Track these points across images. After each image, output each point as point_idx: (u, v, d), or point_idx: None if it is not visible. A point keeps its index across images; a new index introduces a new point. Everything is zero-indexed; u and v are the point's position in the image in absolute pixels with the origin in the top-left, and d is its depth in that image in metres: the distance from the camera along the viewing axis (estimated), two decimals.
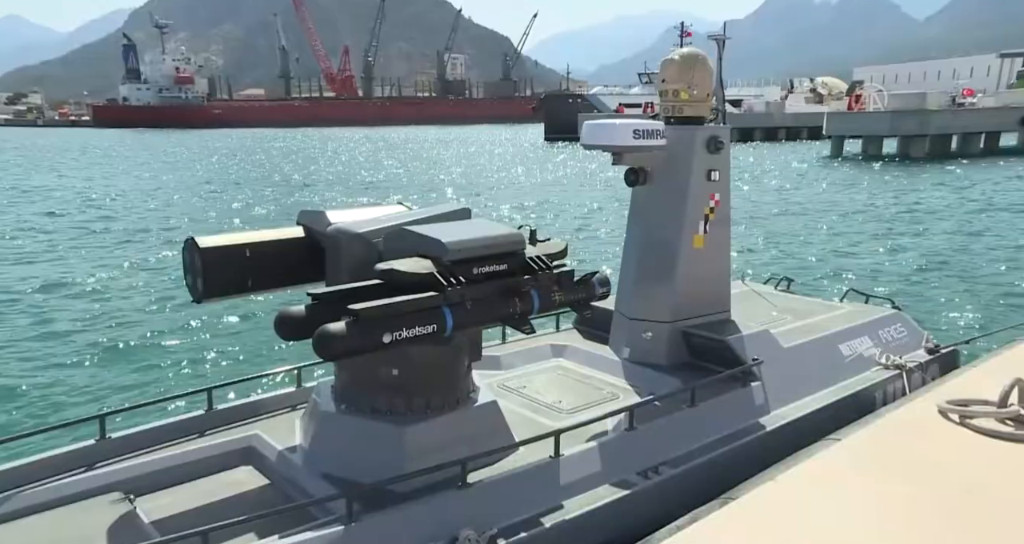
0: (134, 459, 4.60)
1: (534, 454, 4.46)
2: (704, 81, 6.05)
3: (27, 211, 28.07)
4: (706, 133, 6.04)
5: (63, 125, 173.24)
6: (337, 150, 74.45)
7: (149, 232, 22.63)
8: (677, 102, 6.06)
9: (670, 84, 6.06)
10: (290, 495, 4.36)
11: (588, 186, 36.38)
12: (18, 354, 10.84)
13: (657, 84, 6.34)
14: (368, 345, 3.62)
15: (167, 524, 3.99)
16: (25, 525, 3.88)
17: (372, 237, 4.54)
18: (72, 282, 15.61)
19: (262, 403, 5.37)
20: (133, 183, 40.08)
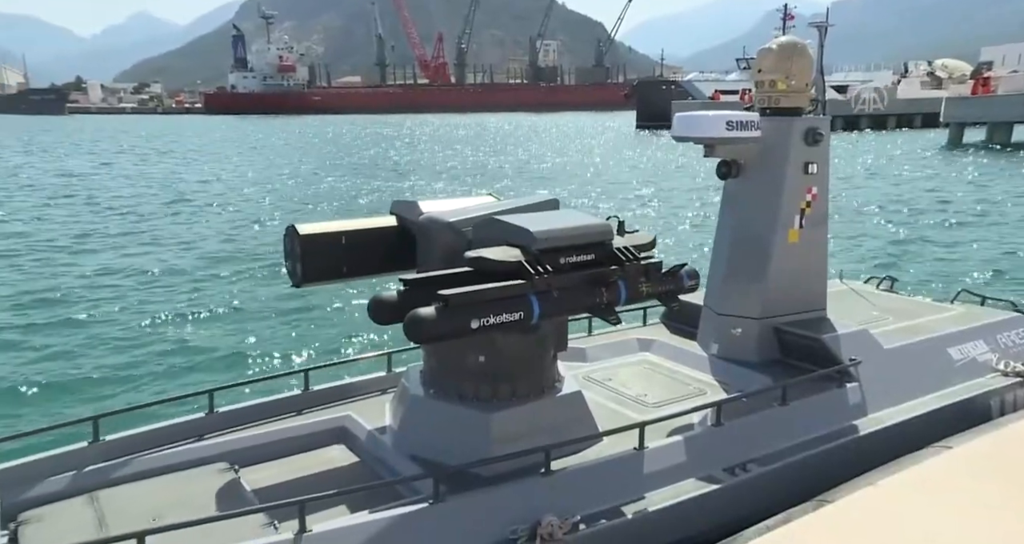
0: (238, 433, 4.91)
1: (618, 445, 4.47)
2: (803, 71, 5.81)
3: (154, 200, 30.03)
4: (804, 124, 5.81)
5: (178, 112, 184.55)
6: (428, 137, 75.89)
7: (254, 217, 23.86)
8: (773, 93, 5.85)
9: (766, 75, 5.85)
10: (379, 474, 4.55)
11: (679, 176, 35.57)
12: (123, 335, 11.67)
13: (753, 74, 6.13)
14: (456, 330, 3.72)
15: (268, 493, 4.25)
16: (145, 487, 4.23)
17: (462, 226, 4.64)
18: (177, 267, 16.67)
19: (354, 386, 5.60)
20: (238, 169, 42.26)
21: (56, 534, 3.72)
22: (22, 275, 15.73)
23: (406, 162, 46.33)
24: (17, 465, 4.21)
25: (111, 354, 10.67)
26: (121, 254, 17.89)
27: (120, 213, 24.72)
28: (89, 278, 15.26)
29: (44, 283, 14.70)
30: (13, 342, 11.10)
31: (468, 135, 78.53)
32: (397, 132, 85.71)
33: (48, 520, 3.86)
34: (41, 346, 10.91)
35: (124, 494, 4.16)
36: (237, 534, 3.52)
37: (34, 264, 16.81)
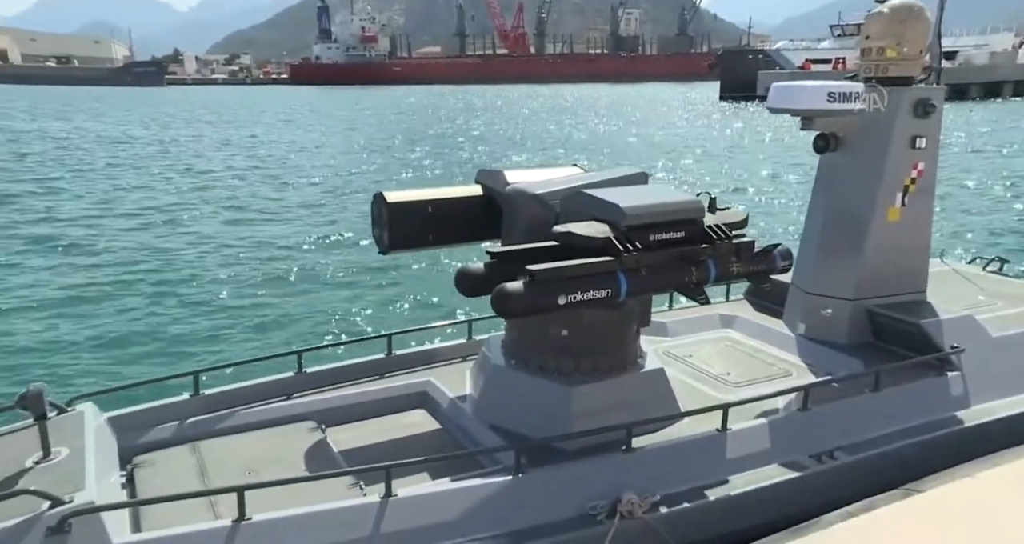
0: (324, 393, 5.08)
1: (700, 425, 4.40)
2: (917, 37, 5.40)
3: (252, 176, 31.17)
4: (915, 95, 5.44)
5: (265, 82, 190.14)
6: (507, 107, 75.62)
7: (338, 186, 24.50)
8: (882, 61, 5.48)
9: (875, 41, 5.48)
10: (459, 441, 4.63)
11: (766, 150, 34.24)
12: (218, 298, 12.32)
13: (860, 41, 5.75)
14: (543, 306, 3.71)
15: (353, 455, 4.40)
16: (240, 440, 4.45)
17: (549, 199, 4.60)
18: (268, 234, 17.34)
19: (435, 352, 5.70)
20: (323, 139, 43.31)
21: (164, 478, 3.97)
22: (127, 240, 16.73)
23: (485, 133, 46.38)
24: (131, 412, 4.50)
25: (211, 314, 11.37)
26: (219, 221, 18.78)
27: (214, 182, 25.82)
28: (189, 245, 16.09)
29: (150, 249, 15.61)
30: (128, 302, 11.94)
31: (546, 106, 77.78)
32: (476, 103, 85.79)
33: (157, 465, 4.13)
34: (150, 306, 11.69)
35: (221, 445, 4.39)
36: (325, 493, 3.66)
37: (137, 231, 17.82)
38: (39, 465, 3.48)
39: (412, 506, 3.56)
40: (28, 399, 3.43)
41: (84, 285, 12.85)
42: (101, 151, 35.51)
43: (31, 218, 18.83)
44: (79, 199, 21.84)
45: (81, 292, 12.39)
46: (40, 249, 15.45)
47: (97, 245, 15.87)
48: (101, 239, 16.47)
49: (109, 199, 21.92)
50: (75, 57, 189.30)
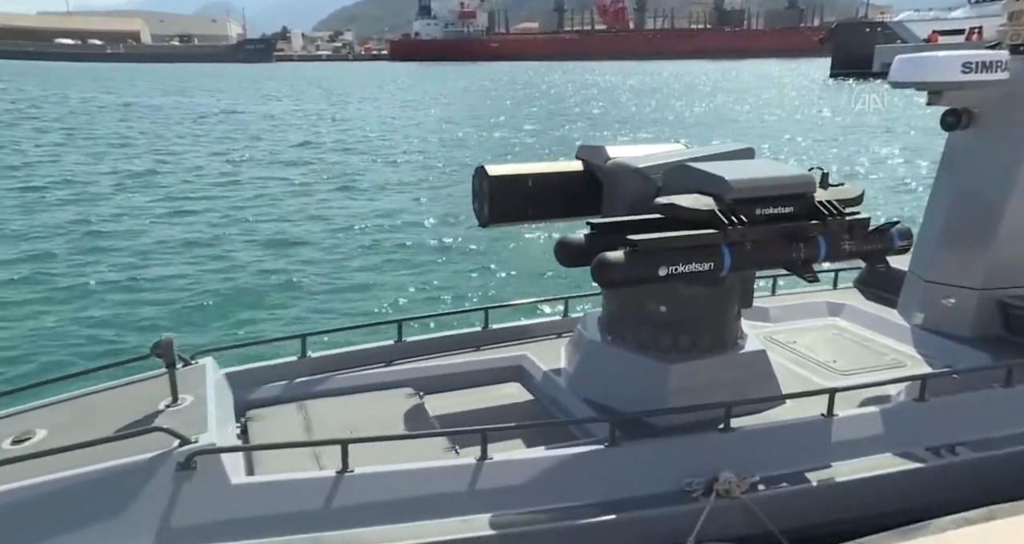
0: (422, 362, 5.23)
1: (804, 410, 4.25)
2: None
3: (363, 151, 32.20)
4: None
5: (366, 59, 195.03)
6: (606, 84, 74.44)
7: (438, 160, 24.97)
8: None
9: None
10: (552, 414, 4.68)
11: (879, 130, 32.25)
12: (324, 268, 12.90)
13: (1007, 3, 5.27)
14: (644, 276, 3.66)
15: (448, 420, 4.52)
16: (342, 402, 4.67)
17: (651, 173, 4.52)
18: (372, 207, 17.93)
19: (531, 327, 5.75)
20: (423, 114, 44.11)
21: (275, 432, 4.22)
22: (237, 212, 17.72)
23: (583, 109, 45.92)
24: (245, 369, 4.80)
25: (316, 280, 11.98)
26: (326, 192, 19.56)
27: (321, 155, 26.80)
28: (294, 218, 16.88)
29: (261, 220, 16.52)
30: (245, 265, 12.77)
31: (645, 83, 76.07)
32: (573, 79, 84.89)
33: (268, 419, 4.40)
34: (265, 271, 12.45)
35: (325, 406, 4.61)
36: (422, 454, 3.79)
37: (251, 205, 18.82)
38: (169, 409, 3.78)
39: (506, 469, 3.63)
40: (161, 348, 3.72)
41: (207, 247, 13.93)
42: (219, 125, 37.54)
43: (173, 189, 20.19)
44: (215, 171, 23.23)
45: (203, 257, 13.33)
46: (168, 218, 16.60)
47: (217, 214, 16.95)
48: (222, 208, 17.59)
49: (228, 170, 23.24)
50: (195, 36, 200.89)
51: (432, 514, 3.42)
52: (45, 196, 18.49)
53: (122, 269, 12.43)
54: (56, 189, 19.40)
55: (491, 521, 3.43)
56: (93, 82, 70.36)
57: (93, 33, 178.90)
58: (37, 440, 3.62)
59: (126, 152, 27.00)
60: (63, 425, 3.75)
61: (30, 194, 18.74)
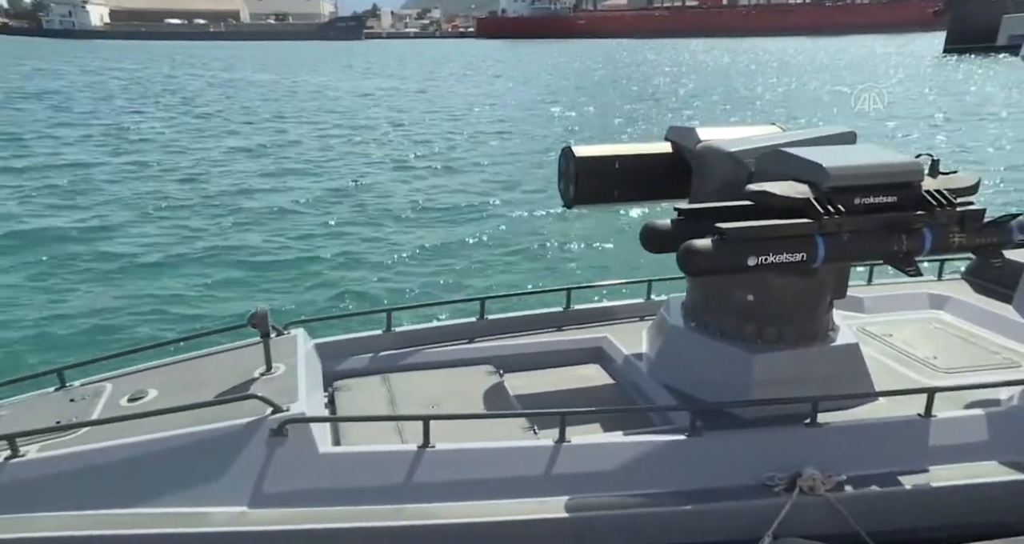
0: (503, 340, 5.29)
1: (899, 408, 4.06)
2: None
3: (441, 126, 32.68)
4: None
5: (453, 36, 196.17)
6: (695, 63, 72.23)
7: (525, 139, 24.99)
8: None
9: None
10: (632, 398, 4.65)
11: (998, 116, 29.96)
12: (407, 247, 13.19)
13: None
14: (732, 265, 3.56)
15: (528, 400, 4.57)
16: (425, 376, 4.79)
17: (743, 157, 4.37)
18: (456, 187, 18.12)
19: (612, 309, 5.71)
20: (508, 92, 44.09)
21: (359, 403, 4.39)
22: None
23: (673, 89, 44.75)
24: (333, 341, 4.99)
25: (400, 255, 12.30)
26: (411, 173, 19.89)
27: (410, 133, 27.28)
28: (375, 195, 17.29)
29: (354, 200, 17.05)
30: (334, 237, 13.32)
31: (738, 61, 73.33)
32: (663, 57, 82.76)
33: (354, 390, 4.57)
34: (349, 244, 12.91)
35: (409, 379, 4.74)
36: (501, 433, 3.85)
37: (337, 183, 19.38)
38: (263, 377, 3.98)
39: (584, 453, 3.65)
40: (256, 319, 3.91)
41: (299, 218, 14.57)
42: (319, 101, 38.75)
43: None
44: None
45: (295, 228, 13.96)
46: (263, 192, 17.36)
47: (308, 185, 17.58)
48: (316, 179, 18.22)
49: (324, 145, 24.02)
50: (290, 14, 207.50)
51: (509, 493, 3.48)
52: (190, 172, 19.54)
53: (225, 239, 13.17)
54: (183, 166, 20.45)
55: (567, 504, 3.46)
56: (216, 61, 73.77)
57: (198, 13, 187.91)
58: (149, 399, 3.89)
59: (245, 128, 28.19)
60: (171, 386, 4.02)
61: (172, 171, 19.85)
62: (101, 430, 3.49)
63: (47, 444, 3.44)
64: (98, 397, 3.96)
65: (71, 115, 31.52)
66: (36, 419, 3.74)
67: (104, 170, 19.51)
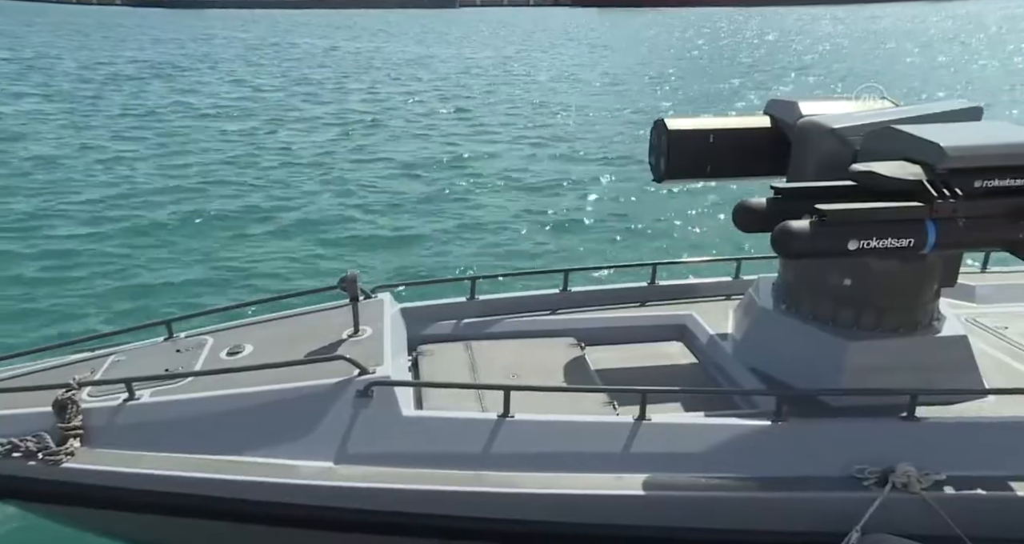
0: (585, 313, 5.26)
1: (1011, 407, 3.79)
2: None
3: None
4: None
5: (547, 4, 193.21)
6: (801, 33, 68.48)
7: (620, 110, 24.54)
8: None
9: None
10: (715, 378, 4.55)
11: None
12: (497, 218, 13.30)
13: None
14: (831, 248, 3.39)
15: (608, 375, 4.54)
16: (506, 345, 4.84)
17: (849, 134, 4.12)
18: (544, 160, 18.06)
19: (698, 287, 5.57)
20: (600, 61, 43.28)
21: (442, 369, 4.48)
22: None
23: (780, 60, 42.56)
24: (418, 306, 5.10)
25: (486, 223, 12.52)
26: (504, 144, 19.93)
27: (507, 101, 27.23)
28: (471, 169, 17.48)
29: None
30: (420, 203, 13.61)
31: (851, 31, 68.97)
32: (772, 27, 78.63)
33: (437, 356, 4.67)
34: (437, 211, 13.15)
35: (490, 347, 4.80)
36: (580, 407, 3.85)
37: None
38: (351, 339, 4.12)
39: (665, 432, 3.60)
40: (346, 282, 4.04)
41: (392, 185, 14.91)
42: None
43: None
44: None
45: (388, 196, 14.28)
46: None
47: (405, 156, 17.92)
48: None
49: (420, 112, 24.39)
50: None
51: (586, 467, 3.49)
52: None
53: (325, 203, 13.68)
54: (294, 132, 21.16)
55: (645, 481, 3.44)
56: (336, 30, 75.45)
57: None
58: (245, 354, 4.11)
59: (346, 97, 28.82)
60: (265, 342, 4.22)
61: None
62: (203, 380, 3.73)
63: (157, 390, 3.70)
64: (201, 349, 4.22)
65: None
66: (147, 366, 4.03)
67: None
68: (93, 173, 15.61)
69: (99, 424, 3.54)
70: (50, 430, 3.44)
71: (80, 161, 16.65)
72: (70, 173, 15.56)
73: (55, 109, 23.81)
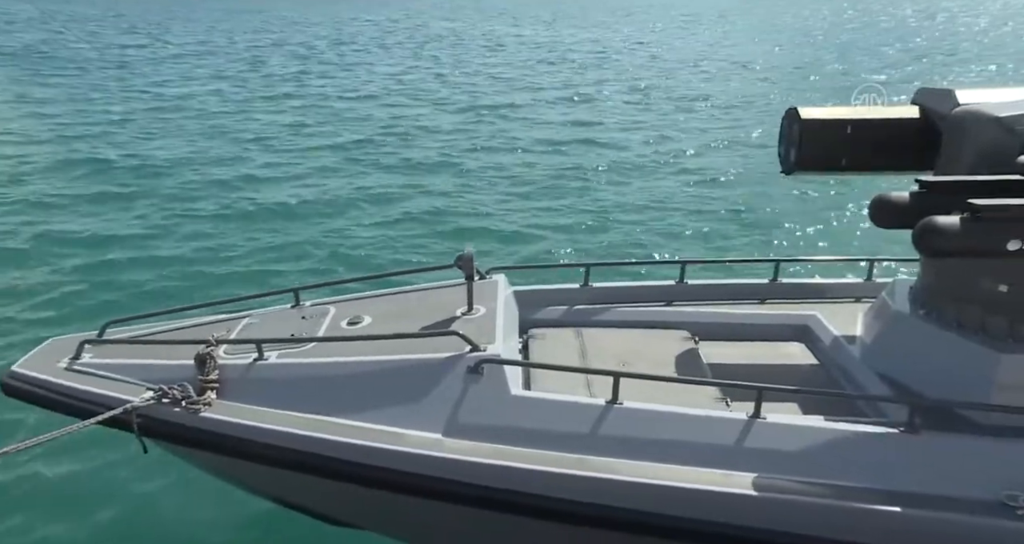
0: (701, 307, 5.12)
1: None
2: None
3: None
4: None
5: None
6: (962, 14, 62.65)
7: (749, 100, 23.56)
8: None
9: None
10: (838, 382, 4.29)
11: None
12: (619, 203, 13.08)
13: None
14: (985, 248, 3.10)
15: (722, 370, 4.39)
16: (617, 334, 4.79)
17: (1015, 124, 3.73)
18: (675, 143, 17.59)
19: (825, 287, 5.28)
20: (737, 43, 41.58)
21: (552, 353, 4.49)
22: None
23: (942, 46, 39.08)
24: (531, 290, 5.14)
25: (604, 209, 12.40)
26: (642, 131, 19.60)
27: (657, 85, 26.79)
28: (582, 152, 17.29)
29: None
30: (544, 190, 13.65)
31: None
32: (938, 7, 72.39)
33: (547, 340, 4.68)
34: (560, 197, 13.21)
35: (601, 335, 4.75)
36: (691, 400, 3.73)
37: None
38: (464, 316, 4.20)
39: (780, 432, 3.44)
40: (462, 261, 4.13)
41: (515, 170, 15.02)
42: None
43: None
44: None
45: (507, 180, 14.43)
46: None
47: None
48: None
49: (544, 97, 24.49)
50: None
51: (694, 461, 3.39)
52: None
53: (446, 184, 14.05)
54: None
55: (755, 481, 3.30)
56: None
57: None
58: (364, 324, 4.30)
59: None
60: (383, 314, 4.39)
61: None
62: (325, 346, 3.94)
63: (283, 352, 3.95)
64: (323, 317, 4.45)
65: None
66: (276, 329, 4.31)
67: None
68: (241, 154, 16.60)
69: (232, 379, 3.82)
70: (191, 381, 3.75)
71: (227, 141, 17.85)
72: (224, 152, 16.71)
73: (227, 88, 25.50)
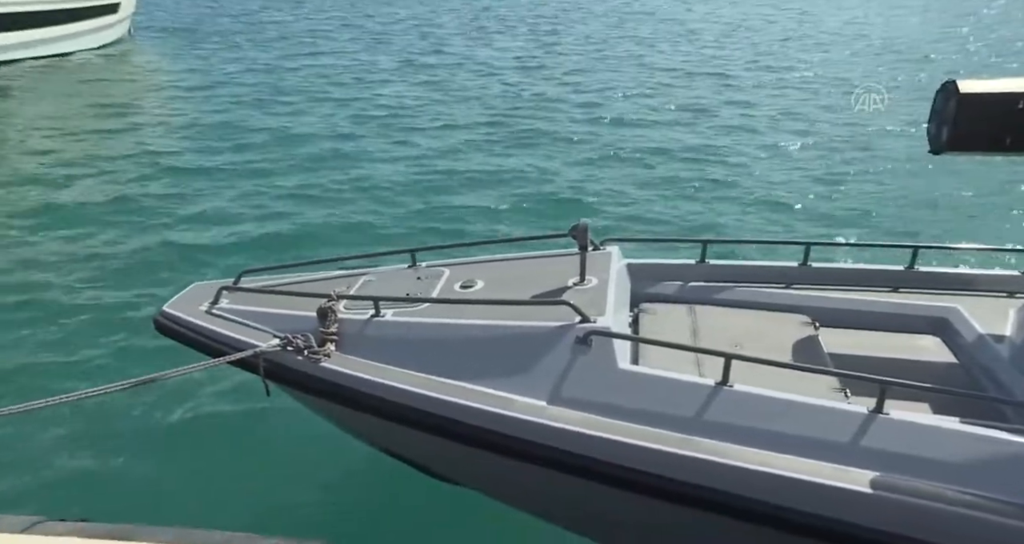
0: (826, 292, 4.85)
1: None
2: None
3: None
4: None
5: None
6: None
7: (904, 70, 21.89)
8: None
9: None
10: (979, 382, 3.97)
11: None
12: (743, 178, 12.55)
13: None
14: None
15: (843, 360, 4.16)
16: (732, 315, 4.63)
17: None
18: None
19: (970, 278, 4.86)
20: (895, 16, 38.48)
21: (663, 329, 4.40)
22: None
23: None
24: (645, 264, 5.04)
25: (727, 185, 11.96)
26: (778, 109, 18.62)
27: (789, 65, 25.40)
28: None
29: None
30: (662, 164, 13.24)
31: None
32: None
33: (659, 315, 4.59)
34: (679, 170, 12.88)
35: (715, 314, 4.61)
36: (807, 388, 3.56)
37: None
38: (576, 287, 4.18)
39: (906, 431, 3.22)
40: (577, 231, 4.09)
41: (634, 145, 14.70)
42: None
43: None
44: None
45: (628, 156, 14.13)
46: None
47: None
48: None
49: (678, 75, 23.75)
50: None
51: (806, 452, 3.24)
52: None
53: (560, 152, 13.94)
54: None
55: (874, 480, 3.12)
56: None
57: None
58: (477, 288, 4.38)
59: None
60: (496, 280, 4.45)
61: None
62: (439, 308, 4.05)
63: (399, 311, 4.09)
64: (438, 279, 4.56)
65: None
66: (392, 288, 4.46)
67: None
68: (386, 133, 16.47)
69: (350, 333, 4.01)
70: (313, 332, 3.97)
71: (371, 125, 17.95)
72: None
73: (388, 61, 25.45)
